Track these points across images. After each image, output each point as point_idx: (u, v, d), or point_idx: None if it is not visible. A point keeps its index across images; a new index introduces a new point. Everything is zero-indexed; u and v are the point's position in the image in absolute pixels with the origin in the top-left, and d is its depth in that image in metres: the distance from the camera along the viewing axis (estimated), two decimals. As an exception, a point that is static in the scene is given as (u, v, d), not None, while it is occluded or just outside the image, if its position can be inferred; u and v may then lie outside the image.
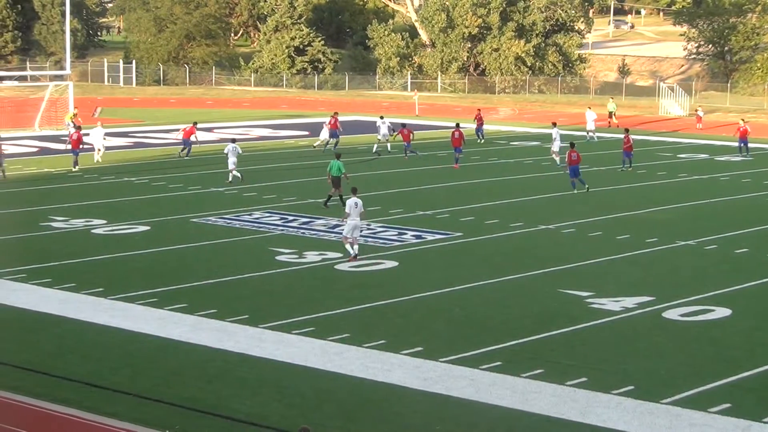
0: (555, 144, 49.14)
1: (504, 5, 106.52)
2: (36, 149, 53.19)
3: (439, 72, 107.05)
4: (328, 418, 17.10)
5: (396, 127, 53.69)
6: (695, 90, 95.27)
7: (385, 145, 53.51)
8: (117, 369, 19.32)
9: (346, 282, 26.30)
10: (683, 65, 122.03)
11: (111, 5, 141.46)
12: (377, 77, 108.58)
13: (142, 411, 17.26)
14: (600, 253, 29.96)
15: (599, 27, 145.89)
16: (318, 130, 55.79)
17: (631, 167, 47.72)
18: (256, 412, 17.30)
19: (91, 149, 48.16)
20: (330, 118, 54.74)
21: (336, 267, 27.65)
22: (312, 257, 28.64)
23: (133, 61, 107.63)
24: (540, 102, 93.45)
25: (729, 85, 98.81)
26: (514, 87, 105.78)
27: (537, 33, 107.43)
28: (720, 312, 23.76)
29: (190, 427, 16.70)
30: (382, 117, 55.78)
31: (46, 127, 60.78)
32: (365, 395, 18.27)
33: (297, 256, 28.86)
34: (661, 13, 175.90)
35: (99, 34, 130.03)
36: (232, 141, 43.14)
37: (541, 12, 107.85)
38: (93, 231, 32.34)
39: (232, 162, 41.81)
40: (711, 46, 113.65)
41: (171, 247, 30.06)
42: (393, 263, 28.24)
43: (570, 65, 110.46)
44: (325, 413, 17.32)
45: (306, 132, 63.16)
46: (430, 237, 31.98)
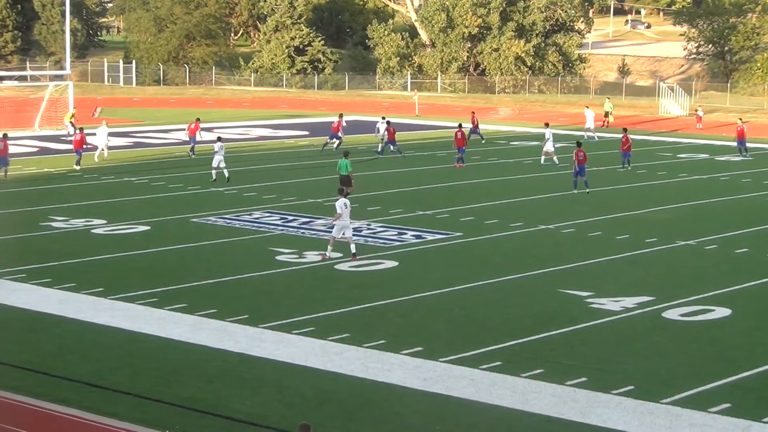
0: (548, 144, 49.18)
1: (504, 5, 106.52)
2: (36, 149, 53.17)
3: (439, 72, 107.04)
4: (328, 418, 17.10)
5: (397, 128, 53.66)
6: (695, 90, 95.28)
7: (387, 145, 53.45)
8: (117, 369, 19.32)
9: (346, 282, 26.31)
10: (683, 65, 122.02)
11: (111, 5, 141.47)
12: (377, 77, 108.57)
13: (142, 411, 17.26)
14: (600, 253, 29.96)
15: (599, 27, 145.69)
16: (318, 130, 55.72)
17: (630, 167, 47.73)
18: (256, 412, 17.30)
19: (94, 149, 48.27)
20: (338, 119, 54.80)
21: (336, 267, 27.66)
22: (312, 257, 28.65)
23: (133, 61, 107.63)
24: (540, 102, 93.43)
25: (729, 85, 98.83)
26: (514, 87, 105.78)
27: (537, 33, 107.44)
28: (720, 312, 23.76)
29: (190, 427, 16.70)
30: (383, 117, 55.74)
31: (46, 127, 60.77)
32: (365, 395, 18.27)
33: (297, 256, 28.88)
34: (661, 13, 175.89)
35: (99, 34, 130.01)
36: (218, 139, 43.32)
37: (541, 12, 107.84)
38: (93, 231, 32.35)
39: (217, 161, 41.93)
40: (711, 46, 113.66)
41: (171, 247, 30.07)
42: (393, 263, 28.25)
43: (570, 65, 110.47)
44: (325, 413, 17.32)
45: (306, 132, 63.19)
46: (430, 237, 31.98)
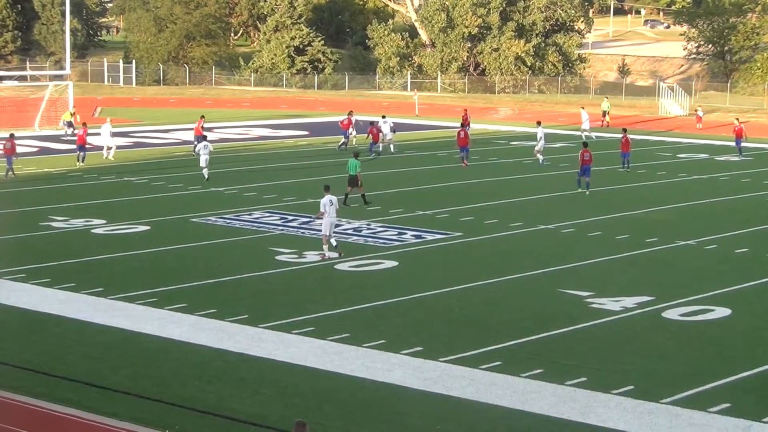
0: (540, 143, 49.22)
1: (504, 5, 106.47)
2: (36, 149, 53.17)
3: (439, 72, 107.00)
4: (328, 418, 17.11)
5: (397, 128, 53.69)
6: (695, 90, 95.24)
7: (388, 145, 53.48)
8: (117, 369, 19.33)
9: (345, 282, 26.31)
10: (683, 65, 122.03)
11: (111, 5, 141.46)
12: (377, 77, 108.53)
13: (142, 411, 17.27)
14: (600, 253, 29.96)
15: (599, 27, 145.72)
16: (318, 129, 55.71)
17: (629, 168, 47.63)
18: (256, 412, 17.31)
19: (100, 149, 48.40)
20: (347, 117, 54.84)
21: (336, 267, 27.66)
22: (312, 257, 28.64)
23: (133, 61, 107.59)
24: (540, 102, 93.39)
25: (729, 85, 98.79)
26: (514, 87, 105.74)
27: (537, 33, 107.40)
28: (720, 312, 23.76)
29: (189, 427, 16.71)
30: (383, 117, 55.75)
31: (45, 127, 60.79)
32: (365, 395, 18.27)
33: (297, 256, 28.88)
34: (661, 13, 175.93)
35: (99, 34, 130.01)
36: (204, 138, 43.42)
37: (541, 12, 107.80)
38: (93, 231, 32.35)
39: (204, 159, 42.04)
40: (711, 45, 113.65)
41: (171, 247, 30.07)
42: (393, 263, 28.25)
43: (570, 65, 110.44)
44: (325, 413, 17.32)
45: (306, 132, 63.20)
46: (429, 237, 31.98)
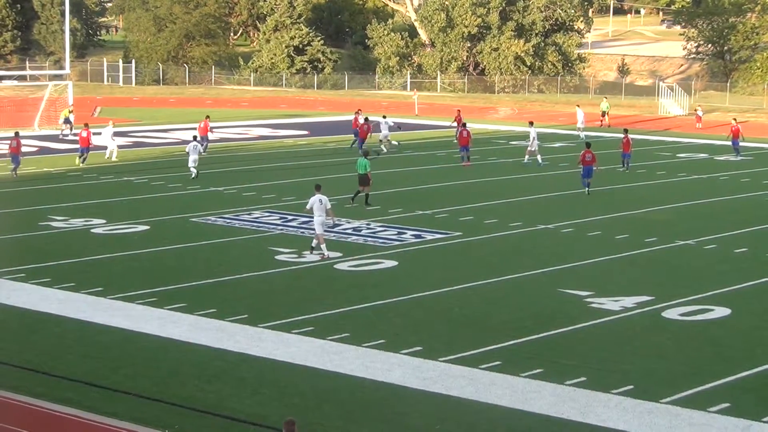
0: (533, 143, 49.15)
1: (503, 5, 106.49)
2: (35, 149, 53.13)
3: (439, 71, 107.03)
4: (328, 418, 17.11)
5: (398, 126, 53.76)
6: (695, 89, 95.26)
7: (388, 145, 53.52)
8: (117, 369, 19.32)
9: (345, 281, 26.30)
10: (683, 65, 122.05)
11: (110, 5, 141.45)
12: (377, 77, 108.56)
13: (141, 411, 17.26)
14: (599, 253, 29.96)
15: (599, 26, 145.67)
16: (318, 129, 55.74)
17: (628, 168, 47.60)
18: (255, 411, 17.30)
19: (104, 149, 48.49)
20: (355, 115, 54.90)
21: (335, 266, 27.65)
22: (311, 257, 28.62)
23: (133, 61, 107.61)
24: (540, 101, 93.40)
25: (728, 85, 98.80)
26: (513, 86, 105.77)
27: (536, 32, 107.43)
28: (719, 311, 23.76)
29: (189, 427, 16.71)
30: (384, 116, 55.80)
31: (45, 127, 60.81)
32: (365, 395, 18.27)
33: (296, 255, 28.87)
34: (661, 13, 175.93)
35: (98, 33, 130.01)
36: (193, 138, 43.74)
37: (541, 11, 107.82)
38: (92, 230, 32.34)
39: (192, 159, 42.07)
40: (710, 45, 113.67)
41: (170, 247, 30.06)
42: (392, 263, 28.24)
43: (569, 65, 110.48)
44: (325, 413, 17.32)
45: (305, 132, 63.20)
46: (429, 236, 31.98)
